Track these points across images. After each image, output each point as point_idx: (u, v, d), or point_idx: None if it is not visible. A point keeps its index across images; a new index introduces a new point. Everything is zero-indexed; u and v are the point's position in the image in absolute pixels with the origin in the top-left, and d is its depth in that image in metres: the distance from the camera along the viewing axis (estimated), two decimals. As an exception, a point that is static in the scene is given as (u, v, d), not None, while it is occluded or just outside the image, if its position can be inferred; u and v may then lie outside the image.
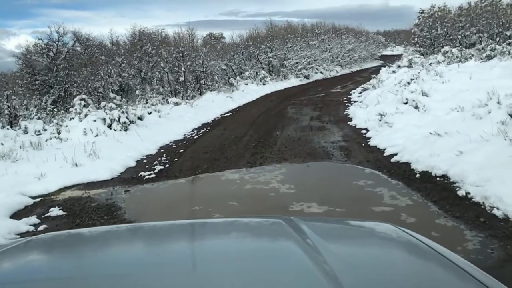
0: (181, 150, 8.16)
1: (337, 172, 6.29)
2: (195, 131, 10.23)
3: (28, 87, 19.13)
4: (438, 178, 5.20)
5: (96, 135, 9.51)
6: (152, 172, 6.83)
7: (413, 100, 9.26)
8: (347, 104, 13.20)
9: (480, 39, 19.40)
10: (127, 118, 10.32)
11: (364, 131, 8.69)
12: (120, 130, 9.94)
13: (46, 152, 8.21)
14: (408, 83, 11.19)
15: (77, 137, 9.19)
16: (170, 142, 9.02)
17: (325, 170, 6.48)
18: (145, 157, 7.85)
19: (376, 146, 7.32)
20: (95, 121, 9.96)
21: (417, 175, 5.50)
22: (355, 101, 13.41)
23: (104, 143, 8.69)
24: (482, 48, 18.08)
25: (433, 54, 19.55)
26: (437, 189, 4.92)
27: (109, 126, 9.93)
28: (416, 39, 21.49)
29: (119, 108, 10.52)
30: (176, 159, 7.51)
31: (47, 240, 1.57)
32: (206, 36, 34.67)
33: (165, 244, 1.44)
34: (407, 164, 6.00)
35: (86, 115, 10.29)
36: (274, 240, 1.43)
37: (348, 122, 9.96)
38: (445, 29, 20.75)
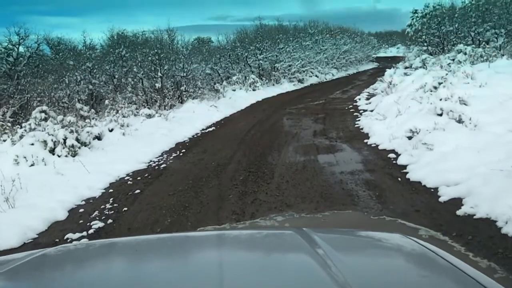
0: (137, 191, 5.68)
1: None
2: (165, 156, 7.78)
3: (-13, 97, 16.67)
4: None
5: (32, 165, 7.10)
6: (85, 232, 4.45)
7: (451, 111, 6.99)
8: (355, 114, 10.90)
9: (495, 35, 17.26)
10: (77, 139, 7.90)
11: (392, 155, 6.38)
12: (67, 156, 7.52)
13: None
14: (435, 87, 8.93)
15: (4, 168, 6.73)
16: (127, 175, 6.54)
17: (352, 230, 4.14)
18: (84, 203, 5.41)
19: (420, 183, 5.01)
20: (32, 144, 7.53)
21: (523, 252, 3.20)
22: (364, 110, 11.14)
23: (38, 178, 6.34)
24: (500, 46, 15.95)
25: (443, 53, 17.36)
26: None
27: (52, 151, 7.52)
28: (424, 37, 19.25)
29: (66, 127, 8.09)
30: (126, 208, 5.07)
31: (65, 252, 1.51)
32: (194, 40, 32.40)
33: (181, 256, 1.40)
34: (491, 223, 3.69)
35: (21, 136, 7.86)
36: (287, 251, 1.37)
37: (365, 140, 7.64)
38: (456, 25, 18.57)
